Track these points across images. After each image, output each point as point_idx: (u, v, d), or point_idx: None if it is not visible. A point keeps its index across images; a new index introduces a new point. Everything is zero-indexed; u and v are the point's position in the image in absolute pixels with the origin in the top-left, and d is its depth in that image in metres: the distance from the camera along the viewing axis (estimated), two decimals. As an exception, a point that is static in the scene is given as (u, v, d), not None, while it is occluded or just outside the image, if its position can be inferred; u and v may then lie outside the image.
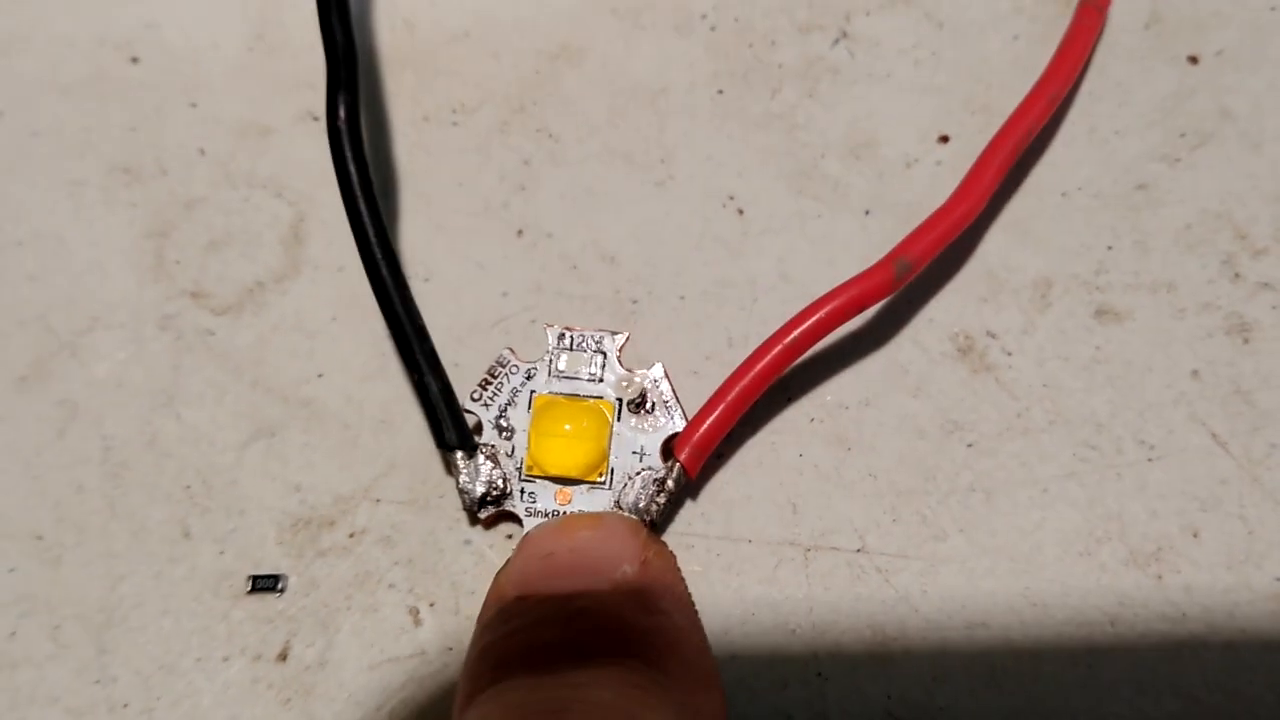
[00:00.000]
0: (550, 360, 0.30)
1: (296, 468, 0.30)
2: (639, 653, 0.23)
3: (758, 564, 0.29)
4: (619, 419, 0.29)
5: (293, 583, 0.29)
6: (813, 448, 0.30)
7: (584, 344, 0.30)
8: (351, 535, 0.30)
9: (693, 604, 0.27)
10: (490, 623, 0.24)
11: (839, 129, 0.34)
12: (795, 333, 0.28)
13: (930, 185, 0.32)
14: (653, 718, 0.21)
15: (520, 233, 0.33)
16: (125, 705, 0.28)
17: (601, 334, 0.30)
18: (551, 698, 0.21)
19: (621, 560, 0.25)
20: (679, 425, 0.29)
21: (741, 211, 0.33)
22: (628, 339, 0.30)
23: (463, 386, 0.30)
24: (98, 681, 0.28)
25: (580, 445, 0.29)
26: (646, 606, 0.24)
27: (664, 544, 0.27)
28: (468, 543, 0.29)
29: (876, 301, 0.28)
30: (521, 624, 0.23)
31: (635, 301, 0.32)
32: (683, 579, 0.27)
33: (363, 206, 0.29)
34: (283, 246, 0.33)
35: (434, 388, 0.29)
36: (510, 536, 0.29)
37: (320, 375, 0.31)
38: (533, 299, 0.32)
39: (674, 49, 0.35)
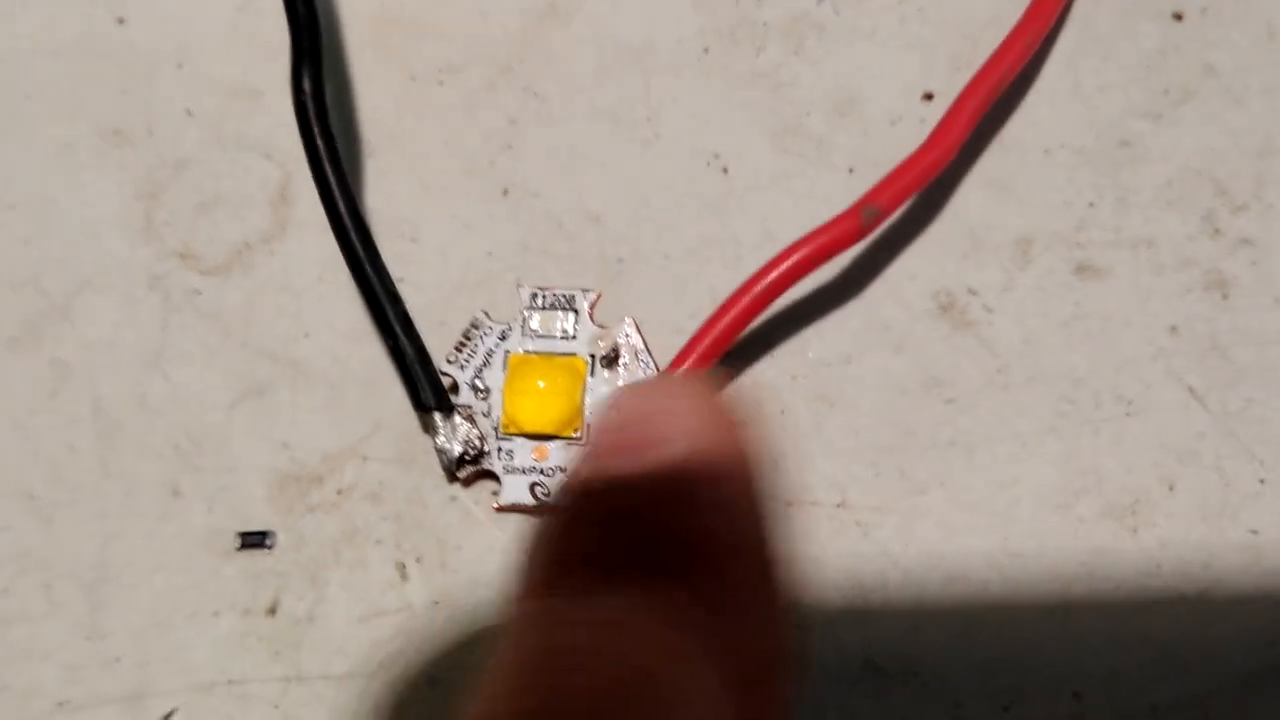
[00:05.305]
0: (523, 320, 0.31)
1: (285, 426, 0.31)
2: (681, 573, 0.19)
3: (739, 519, 0.29)
4: (592, 374, 0.30)
5: (282, 539, 0.30)
6: (795, 404, 0.30)
7: (556, 302, 0.31)
8: (339, 492, 0.30)
9: (761, 491, 0.20)
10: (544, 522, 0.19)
11: (824, 86, 0.34)
12: (763, 283, 0.28)
13: (914, 143, 0.32)
14: (683, 680, 0.17)
15: (506, 192, 0.33)
16: (118, 660, 0.29)
17: (573, 292, 0.31)
18: (567, 646, 0.17)
19: (671, 436, 0.19)
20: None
21: (726, 170, 0.33)
22: (599, 296, 0.31)
23: (448, 345, 0.30)
24: (89, 638, 0.29)
25: (554, 401, 0.29)
26: (694, 502, 0.19)
27: (733, 411, 0.20)
28: (453, 499, 0.30)
29: (844, 249, 0.29)
30: (558, 528, 0.19)
31: (620, 260, 0.32)
32: (752, 458, 0.20)
33: (331, 177, 0.30)
34: (271, 207, 0.33)
35: (409, 351, 0.29)
36: (495, 493, 0.30)
37: (307, 335, 0.32)
38: (518, 258, 0.32)
39: (661, 6, 0.35)
